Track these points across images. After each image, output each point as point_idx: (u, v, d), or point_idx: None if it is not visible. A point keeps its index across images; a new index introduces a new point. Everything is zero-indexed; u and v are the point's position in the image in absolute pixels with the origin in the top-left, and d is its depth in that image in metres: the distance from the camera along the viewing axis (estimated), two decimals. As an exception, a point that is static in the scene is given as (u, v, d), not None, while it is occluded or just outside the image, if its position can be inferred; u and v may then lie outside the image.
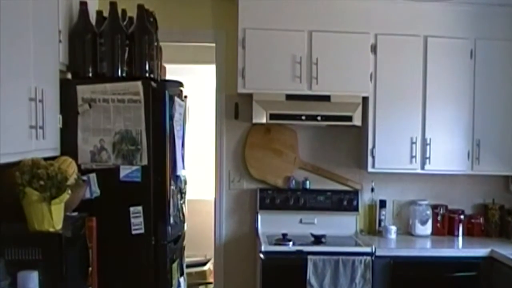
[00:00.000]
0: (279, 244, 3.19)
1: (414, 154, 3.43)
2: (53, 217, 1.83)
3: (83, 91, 2.30)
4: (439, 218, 3.65)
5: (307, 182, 3.63)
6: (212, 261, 4.36)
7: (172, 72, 3.52)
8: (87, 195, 2.27)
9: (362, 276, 3.14)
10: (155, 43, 2.48)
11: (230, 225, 3.66)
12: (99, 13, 2.50)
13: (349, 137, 3.66)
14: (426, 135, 3.44)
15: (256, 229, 3.57)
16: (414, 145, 3.43)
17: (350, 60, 3.35)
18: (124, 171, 2.32)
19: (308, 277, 3.09)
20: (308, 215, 3.58)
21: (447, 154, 3.46)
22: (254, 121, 3.35)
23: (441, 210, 3.66)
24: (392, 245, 3.42)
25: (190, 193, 3.03)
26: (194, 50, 4.26)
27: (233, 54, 3.42)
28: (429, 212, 3.61)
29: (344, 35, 3.32)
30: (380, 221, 3.65)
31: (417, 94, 3.43)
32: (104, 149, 2.31)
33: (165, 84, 2.49)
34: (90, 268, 2.15)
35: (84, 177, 2.26)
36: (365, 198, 3.69)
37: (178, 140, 2.51)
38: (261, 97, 3.32)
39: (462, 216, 3.65)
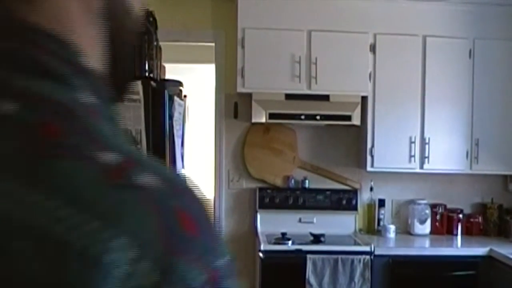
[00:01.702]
0: (278, 243, 3.20)
1: (413, 154, 3.43)
2: (53, 216, 1.83)
3: (82, 90, 2.30)
4: (438, 217, 3.65)
5: (306, 181, 3.63)
6: (211, 260, 4.35)
7: (172, 71, 3.52)
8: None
9: (361, 275, 3.14)
10: (155, 43, 2.47)
11: (229, 224, 3.67)
12: (98, 12, 2.50)
13: (348, 136, 3.67)
14: (425, 135, 3.44)
15: (255, 228, 3.58)
16: (413, 145, 3.43)
17: (349, 59, 3.35)
18: (124, 171, 2.31)
19: (307, 276, 3.10)
20: (307, 214, 3.58)
21: (446, 154, 3.46)
22: (253, 120, 3.36)
23: (440, 209, 3.67)
24: (391, 244, 3.42)
25: (190, 193, 3.02)
26: (193, 50, 4.26)
27: (233, 53, 3.42)
28: (428, 211, 3.62)
29: (343, 35, 3.33)
30: (379, 220, 3.65)
31: (416, 93, 3.43)
32: (103, 148, 2.31)
33: (164, 83, 2.48)
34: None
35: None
36: (364, 197, 3.69)
37: (177, 139, 2.51)
38: (260, 96, 3.32)
39: (461, 215, 3.65)
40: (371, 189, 3.67)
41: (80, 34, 0.41)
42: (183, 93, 2.79)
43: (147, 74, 2.41)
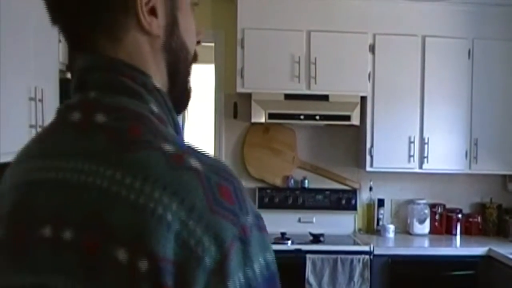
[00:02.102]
0: (278, 243, 3.20)
1: (412, 153, 3.44)
2: (53, 216, 1.84)
3: (82, 90, 2.30)
4: (437, 217, 3.67)
5: (306, 181, 3.64)
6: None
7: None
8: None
9: (361, 274, 3.15)
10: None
11: (229, 224, 3.67)
12: (98, 13, 2.51)
13: (347, 136, 3.68)
14: (424, 135, 3.46)
15: (255, 228, 3.58)
16: (412, 145, 3.44)
17: (349, 60, 3.36)
18: (124, 170, 2.31)
19: (306, 276, 3.11)
20: (306, 214, 3.59)
21: (445, 153, 3.48)
22: (253, 120, 3.37)
23: (439, 209, 3.68)
24: (390, 244, 3.44)
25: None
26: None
27: (232, 53, 3.43)
28: (427, 211, 3.63)
29: (342, 35, 3.34)
30: (378, 220, 3.67)
31: (415, 93, 3.44)
32: (103, 148, 2.31)
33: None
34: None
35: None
36: (363, 197, 3.70)
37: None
38: (260, 96, 3.33)
39: (460, 215, 3.66)
40: (370, 189, 3.68)
41: (149, 64, 0.63)
42: (183, 93, 2.80)
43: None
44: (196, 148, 0.59)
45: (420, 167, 3.47)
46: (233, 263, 0.52)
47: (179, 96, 0.68)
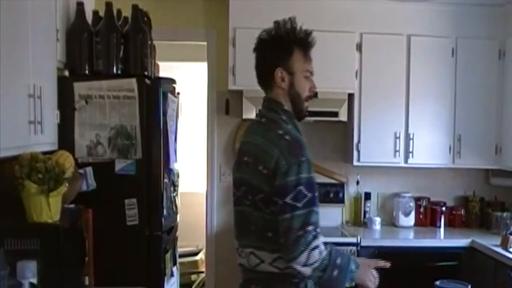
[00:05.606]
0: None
1: (397, 149, 3.52)
2: (51, 209, 1.88)
3: (79, 88, 2.34)
4: (421, 209, 3.74)
5: (295, 175, 3.70)
6: (203, 251, 4.43)
7: (165, 69, 3.59)
8: (84, 188, 2.30)
9: (348, 265, 3.24)
10: (149, 42, 2.53)
11: (221, 217, 3.74)
12: (95, 13, 2.54)
13: (335, 132, 3.75)
14: (409, 130, 3.53)
15: (246, 221, 3.65)
16: (397, 140, 3.52)
17: (336, 58, 3.42)
18: (119, 165, 2.36)
19: (295, 267, 3.18)
20: (296, 207, 3.65)
21: (430, 148, 3.55)
22: (244, 116, 3.43)
23: (424, 202, 3.76)
24: (376, 235, 3.52)
25: (183, 186, 3.08)
26: (186, 49, 4.32)
27: (224, 52, 3.49)
28: (412, 204, 3.71)
29: (330, 34, 3.38)
30: (365, 212, 3.75)
31: (400, 91, 3.51)
32: (100, 143, 2.35)
33: (158, 81, 2.52)
34: (86, 258, 2.15)
35: (81, 171, 2.29)
36: (351, 190, 3.78)
37: (171, 135, 2.57)
38: (251, 93, 3.38)
39: (444, 208, 3.74)
40: (358, 182, 3.76)
41: (282, 99, 1.74)
42: (176, 90, 2.87)
43: (141, 72, 2.48)
44: (290, 131, 1.64)
45: (406, 161, 3.55)
46: (291, 172, 1.56)
47: (297, 113, 1.72)
